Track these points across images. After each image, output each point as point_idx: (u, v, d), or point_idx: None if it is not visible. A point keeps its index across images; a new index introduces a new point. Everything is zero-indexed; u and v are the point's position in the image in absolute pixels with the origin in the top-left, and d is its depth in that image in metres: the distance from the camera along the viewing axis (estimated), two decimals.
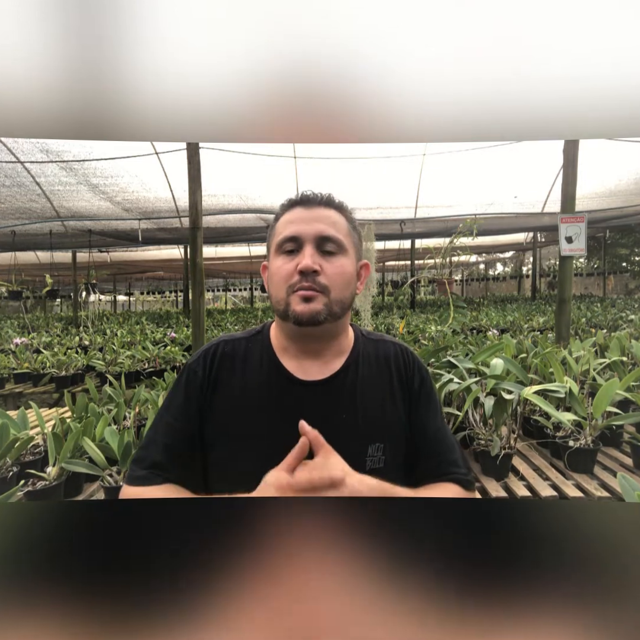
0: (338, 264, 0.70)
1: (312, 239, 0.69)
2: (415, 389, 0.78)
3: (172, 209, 6.59)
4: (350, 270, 0.72)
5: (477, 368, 2.13)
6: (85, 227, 7.13)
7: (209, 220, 6.70)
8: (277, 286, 0.70)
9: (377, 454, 0.71)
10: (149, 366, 4.04)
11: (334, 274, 0.69)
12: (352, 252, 0.73)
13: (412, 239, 8.94)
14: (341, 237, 0.71)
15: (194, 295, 3.19)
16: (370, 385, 0.75)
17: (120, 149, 5.31)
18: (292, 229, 0.70)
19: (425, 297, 13.37)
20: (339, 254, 0.70)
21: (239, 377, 0.74)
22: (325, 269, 0.68)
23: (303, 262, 0.67)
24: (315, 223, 0.69)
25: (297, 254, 0.69)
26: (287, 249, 0.70)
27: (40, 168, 5.56)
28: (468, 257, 14.38)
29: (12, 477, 1.51)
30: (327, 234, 0.69)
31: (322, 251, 0.69)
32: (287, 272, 0.69)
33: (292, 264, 0.68)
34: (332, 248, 0.70)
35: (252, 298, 17.83)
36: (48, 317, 11.15)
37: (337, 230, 0.71)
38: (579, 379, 2.12)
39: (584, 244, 3.43)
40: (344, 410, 0.72)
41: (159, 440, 0.72)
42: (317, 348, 0.74)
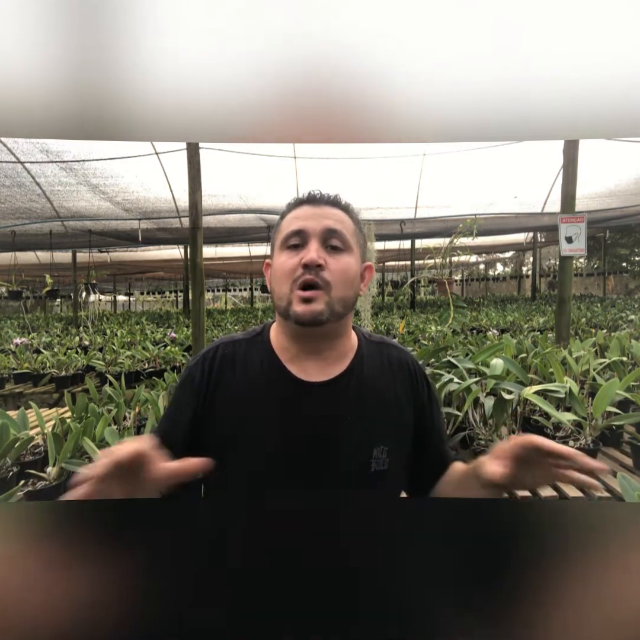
0: (343, 261, 0.69)
1: (319, 234, 0.68)
2: (425, 397, 0.80)
3: (172, 209, 6.59)
4: (355, 269, 0.72)
5: (477, 368, 2.13)
6: (85, 227, 7.12)
7: (209, 220, 6.69)
8: (280, 281, 0.70)
9: (381, 457, 0.71)
10: (149, 366, 4.04)
11: (337, 270, 0.68)
12: (357, 252, 0.73)
13: (412, 239, 8.93)
14: (347, 235, 0.71)
15: (194, 295, 3.18)
16: (375, 387, 0.75)
17: (120, 149, 5.31)
18: (298, 223, 0.70)
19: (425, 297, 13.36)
20: (345, 252, 0.70)
21: (240, 379, 0.73)
22: (330, 264, 0.68)
23: (308, 255, 0.66)
24: (322, 219, 0.69)
25: (302, 249, 0.69)
26: (292, 243, 0.69)
27: (40, 168, 5.55)
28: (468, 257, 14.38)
29: (12, 477, 1.51)
30: (334, 227, 0.69)
31: (327, 247, 0.69)
32: (291, 266, 0.68)
33: (297, 259, 0.68)
34: (337, 244, 0.69)
35: (252, 298, 17.82)
36: (48, 317, 11.16)
37: (343, 227, 0.71)
38: (579, 379, 2.12)
39: (584, 244, 3.42)
40: (349, 413, 0.72)
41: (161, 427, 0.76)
42: (319, 348, 0.73)
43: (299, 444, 0.70)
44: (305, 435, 0.70)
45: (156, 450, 0.52)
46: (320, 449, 0.69)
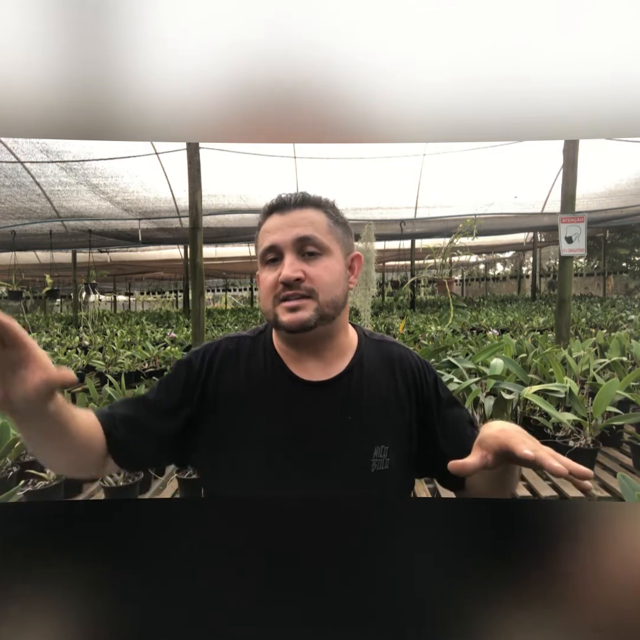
0: (322, 266, 0.68)
1: (291, 246, 0.67)
2: (431, 391, 0.78)
3: (172, 209, 6.59)
4: (338, 269, 0.71)
5: (477, 368, 2.13)
6: (85, 227, 7.12)
7: (209, 220, 6.69)
8: (264, 298, 0.70)
9: (382, 456, 0.71)
10: (149, 366, 4.04)
11: (318, 276, 0.67)
12: (337, 249, 0.71)
13: (412, 239, 8.93)
14: (320, 237, 0.69)
15: (194, 295, 3.18)
16: (376, 386, 0.75)
17: (120, 149, 5.31)
18: (270, 238, 0.69)
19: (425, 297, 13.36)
20: (322, 255, 0.69)
21: (242, 376, 0.74)
22: (309, 272, 0.67)
23: (283, 272, 0.66)
24: (291, 228, 0.68)
25: (280, 262, 0.68)
26: (269, 259, 0.69)
27: (40, 168, 5.55)
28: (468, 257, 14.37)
29: (12, 477, 1.51)
30: (304, 234, 0.67)
31: (303, 254, 0.68)
32: (270, 283, 0.68)
33: (275, 274, 0.68)
34: (313, 249, 0.68)
35: (252, 298, 17.82)
36: (48, 317, 11.15)
37: (315, 229, 0.69)
38: (579, 379, 2.12)
39: (584, 244, 3.43)
40: (350, 412, 0.72)
41: (131, 403, 0.73)
42: (316, 350, 0.73)
43: (300, 443, 0.70)
44: (306, 435, 0.70)
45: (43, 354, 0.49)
46: (321, 448, 0.69)
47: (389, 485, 0.72)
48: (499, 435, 0.54)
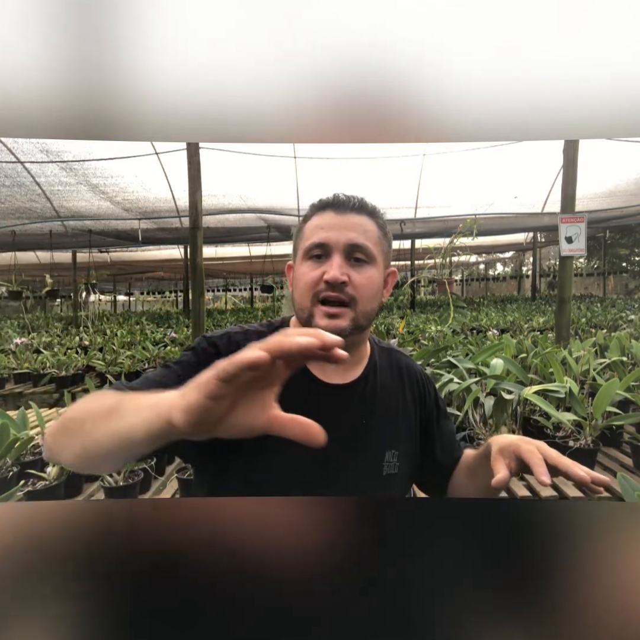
0: (367, 275, 0.67)
1: (342, 248, 0.66)
2: (432, 401, 0.83)
3: (172, 209, 6.59)
4: (378, 281, 0.70)
5: (477, 368, 2.13)
6: (85, 227, 7.13)
7: (209, 220, 6.69)
8: (301, 293, 0.68)
9: (392, 460, 0.72)
10: (149, 366, 4.04)
11: (362, 285, 0.67)
12: (380, 261, 0.71)
13: (412, 239, 8.93)
14: (371, 246, 0.68)
15: (194, 295, 3.19)
16: (387, 392, 0.76)
17: (120, 149, 5.31)
18: (321, 235, 0.67)
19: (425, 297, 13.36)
20: (368, 264, 0.68)
21: None
22: (354, 279, 0.66)
23: (331, 272, 0.65)
24: (346, 231, 0.67)
25: (325, 260, 0.67)
26: (314, 254, 0.68)
27: (40, 168, 5.56)
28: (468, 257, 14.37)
29: (12, 477, 1.51)
30: (357, 242, 0.67)
31: (351, 260, 0.67)
32: (313, 279, 0.66)
33: (319, 272, 0.66)
34: (361, 257, 0.67)
35: (252, 298, 17.82)
36: (48, 317, 11.15)
37: (367, 238, 0.68)
38: (579, 379, 2.12)
39: (584, 244, 3.43)
40: (364, 416, 0.73)
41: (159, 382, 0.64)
42: None
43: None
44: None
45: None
46: (336, 450, 0.69)
47: (395, 489, 0.74)
48: (520, 444, 0.58)
